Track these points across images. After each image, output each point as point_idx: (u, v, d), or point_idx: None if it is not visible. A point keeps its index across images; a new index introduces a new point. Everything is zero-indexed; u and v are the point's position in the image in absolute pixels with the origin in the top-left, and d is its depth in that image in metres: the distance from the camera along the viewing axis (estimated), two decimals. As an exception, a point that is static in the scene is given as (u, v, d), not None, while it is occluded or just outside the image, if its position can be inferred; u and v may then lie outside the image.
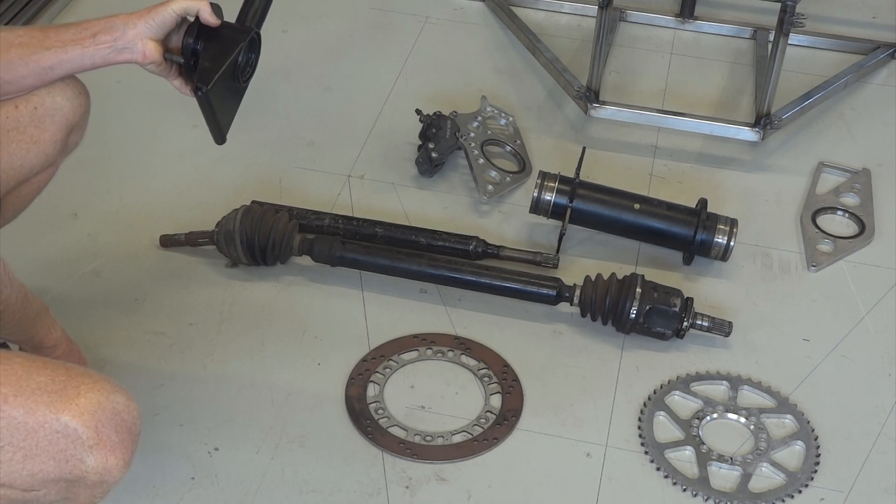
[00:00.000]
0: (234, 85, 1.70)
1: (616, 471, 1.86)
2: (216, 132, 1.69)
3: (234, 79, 1.69)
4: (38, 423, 1.34)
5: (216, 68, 1.63)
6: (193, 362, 2.00)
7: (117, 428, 1.37)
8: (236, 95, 1.73)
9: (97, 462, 1.36)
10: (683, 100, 2.70)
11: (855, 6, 3.08)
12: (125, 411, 1.38)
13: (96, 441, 1.35)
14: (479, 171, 2.39)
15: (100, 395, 1.36)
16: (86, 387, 1.37)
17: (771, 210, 2.40)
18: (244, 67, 1.70)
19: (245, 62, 1.69)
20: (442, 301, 2.14)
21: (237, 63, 1.67)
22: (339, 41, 2.88)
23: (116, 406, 1.37)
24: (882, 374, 2.05)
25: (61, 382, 1.36)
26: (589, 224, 2.25)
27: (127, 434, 1.38)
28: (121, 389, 1.40)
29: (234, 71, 1.67)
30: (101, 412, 1.36)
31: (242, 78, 1.70)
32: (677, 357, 2.05)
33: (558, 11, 3.01)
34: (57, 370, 1.38)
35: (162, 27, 1.63)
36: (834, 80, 2.69)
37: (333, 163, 2.47)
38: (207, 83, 1.62)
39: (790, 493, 1.82)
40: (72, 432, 1.34)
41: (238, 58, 1.67)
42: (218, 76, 1.63)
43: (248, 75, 1.72)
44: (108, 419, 1.36)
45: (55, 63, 1.59)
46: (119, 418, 1.37)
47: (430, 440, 1.88)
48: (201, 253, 2.21)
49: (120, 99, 2.57)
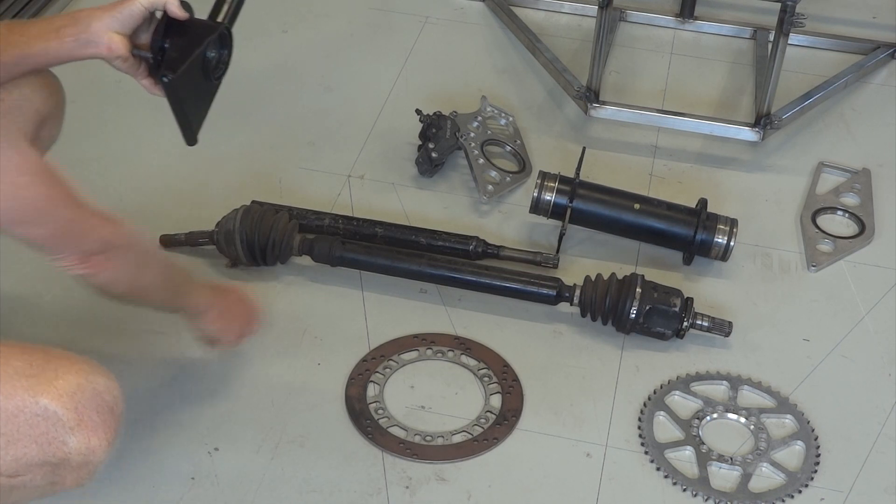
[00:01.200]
0: (205, 83, 1.66)
1: (616, 471, 1.86)
2: (186, 130, 1.65)
3: (205, 76, 1.65)
4: (17, 407, 1.34)
5: (183, 59, 1.59)
6: (193, 362, 2.00)
7: (98, 408, 1.37)
8: (208, 94, 1.68)
9: (79, 443, 1.36)
10: (683, 100, 2.70)
11: (855, 6, 3.08)
12: (105, 391, 1.39)
13: (77, 422, 1.35)
14: (479, 171, 2.39)
15: (78, 377, 1.37)
16: (64, 369, 1.37)
17: (771, 210, 2.40)
18: (216, 65, 1.66)
19: (217, 59, 1.66)
20: (442, 301, 2.14)
21: (206, 58, 1.63)
22: (339, 41, 2.88)
23: (96, 387, 1.38)
24: (882, 374, 2.05)
25: (39, 366, 1.37)
26: (589, 224, 2.25)
27: (109, 414, 1.39)
28: (101, 370, 1.41)
29: (203, 66, 1.63)
30: (80, 394, 1.36)
31: (214, 75, 1.67)
32: (677, 357, 2.05)
33: (558, 11, 3.01)
34: (34, 353, 1.39)
35: (129, 21, 1.59)
36: (834, 80, 2.70)
37: (333, 163, 2.47)
38: (173, 71, 1.58)
39: (790, 493, 1.82)
40: (52, 415, 1.34)
41: (207, 52, 1.63)
42: (185, 67, 1.59)
43: (219, 73, 1.68)
44: (89, 400, 1.37)
45: (18, 59, 1.56)
46: (100, 399, 1.38)
47: (430, 440, 1.88)
48: (201, 253, 2.21)
49: (120, 99, 2.57)
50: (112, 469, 1.78)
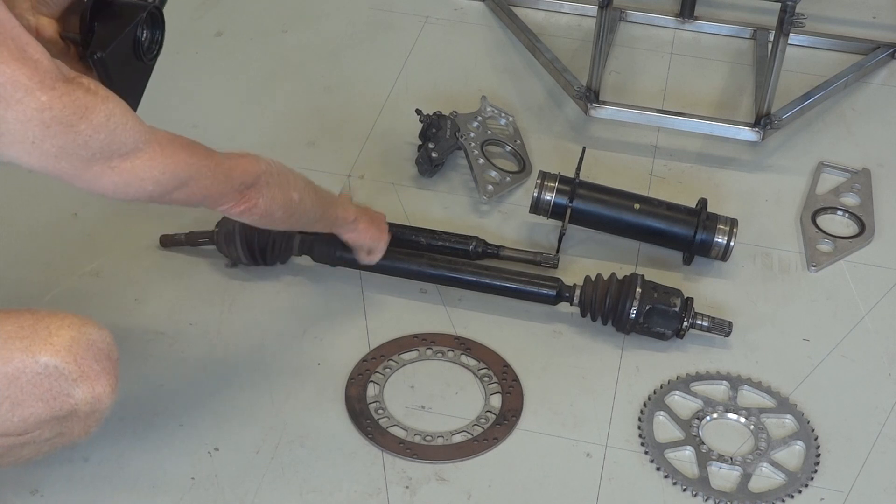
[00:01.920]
0: (137, 63, 1.64)
1: (616, 471, 1.86)
2: None
3: (137, 56, 1.63)
4: (17, 369, 1.35)
5: (113, 37, 1.57)
6: (193, 362, 2.00)
7: (96, 356, 1.40)
8: (141, 74, 1.67)
9: (85, 393, 1.38)
10: (683, 100, 2.70)
11: (855, 6, 3.08)
12: (100, 340, 1.42)
13: (80, 373, 1.37)
14: (479, 171, 2.39)
15: (71, 330, 1.39)
16: (56, 325, 1.39)
17: (771, 210, 2.40)
18: (149, 45, 1.64)
19: (149, 39, 1.64)
20: (442, 301, 2.14)
21: (138, 38, 1.61)
22: (339, 41, 2.88)
23: (90, 337, 1.41)
24: (882, 374, 2.05)
25: (30, 327, 1.38)
26: (589, 224, 2.25)
27: (107, 361, 1.42)
28: (90, 321, 1.43)
29: (135, 46, 1.61)
30: (76, 346, 1.38)
31: (147, 56, 1.65)
32: (677, 357, 2.05)
33: (558, 11, 3.01)
34: (21, 316, 1.40)
35: (55, 3, 1.55)
36: (834, 80, 2.69)
37: (333, 163, 2.47)
38: (103, 49, 1.55)
39: (790, 493, 1.82)
40: (53, 370, 1.36)
41: (137, 31, 1.61)
42: (115, 44, 1.56)
43: (153, 53, 1.66)
44: (86, 350, 1.39)
45: None
46: (95, 348, 1.40)
47: (430, 440, 1.88)
48: (201, 253, 2.21)
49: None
50: (112, 469, 1.80)
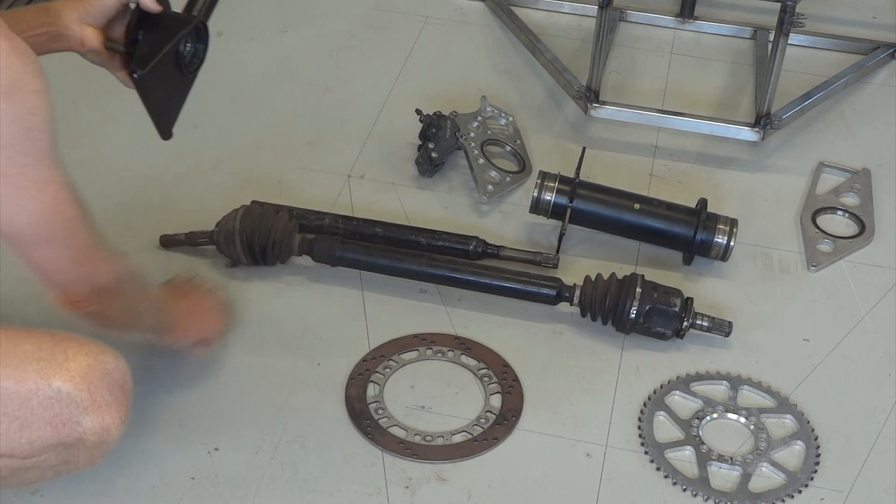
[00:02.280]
0: (179, 76, 1.65)
1: (616, 471, 1.86)
2: (159, 124, 1.63)
3: (179, 69, 1.64)
4: (30, 391, 1.34)
5: (154, 53, 1.58)
6: (193, 362, 1.99)
7: (110, 387, 1.38)
8: (182, 87, 1.67)
9: (94, 423, 1.37)
10: (683, 100, 2.70)
11: (855, 6, 3.08)
12: (115, 370, 1.40)
13: (91, 402, 1.36)
14: (479, 171, 2.39)
15: (88, 357, 1.38)
16: (73, 350, 1.38)
17: (771, 210, 2.40)
18: (190, 58, 1.65)
19: (191, 53, 1.65)
20: (442, 301, 2.14)
21: (180, 52, 1.62)
22: (339, 41, 2.88)
23: (106, 366, 1.39)
24: (882, 374, 2.05)
25: (48, 349, 1.37)
26: (589, 224, 2.25)
27: (120, 392, 1.40)
28: (108, 349, 1.41)
29: (176, 60, 1.62)
30: (91, 374, 1.37)
31: (188, 69, 1.66)
32: (677, 357, 2.05)
33: (558, 11, 3.01)
34: (42, 337, 1.39)
35: (101, 13, 1.57)
36: (834, 80, 2.69)
37: (333, 163, 2.47)
38: (143, 66, 1.56)
39: (790, 493, 1.82)
40: (65, 396, 1.35)
41: (180, 47, 1.62)
42: (155, 61, 1.57)
43: (194, 67, 1.67)
44: (100, 379, 1.37)
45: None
46: (110, 378, 1.39)
47: (430, 440, 1.88)
48: (201, 253, 2.20)
49: (120, 98, 2.56)
50: (112, 469, 1.79)
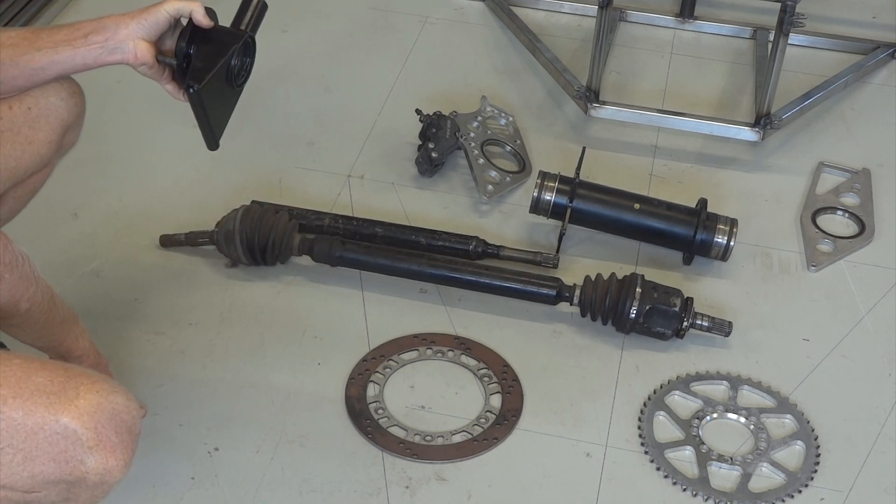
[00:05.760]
0: (228, 89, 1.69)
1: (616, 471, 1.86)
2: (209, 136, 1.67)
3: (228, 82, 1.67)
4: (37, 424, 1.34)
5: (208, 68, 1.62)
6: (193, 362, 2.00)
7: (117, 428, 1.37)
8: (230, 100, 1.71)
9: (97, 463, 1.36)
10: (683, 100, 2.70)
11: (855, 6, 3.08)
12: (125, 411, 1.39)
13: (96, 442, 1.35)
14: (479, 171, 2.39)
15: (99, 396, 1.36)
16: (85, 388, 1.36)
17: (771, 210, 2.40)
18: (238, 71, 1.68)
19: (239, 66, 1.68)
20: (442, 301, 2.14)
21: (230, 66, 1.66)
22: (339, 41, 2.88)
23: (116, 406, 1.37)
24: (882, 374, 2.05)
25: (60, 384, 1.36)
26: (589, 224, 2.25)
27: (127, 434, 1.38)
28: (120, 389, 1.40)
29: (227, 74, 1.66)
30: (100, 413, 1.36)
31: (237, 82, 1.69)
32: (677, 357, 2.05)
33: (558, 11, 3.01)
34: (56, 371, 1.38)
35: (154, 28, 1.61)
36: (834, 80, 2.70)
37: (333, 163, 2.47)
38: (199, 82, 1.60)
39: (790, 493, 1.82)
40: (71, 434, 1.34)
41: (231, 61, 1.65)
42: (210, 76, 1.61)
43: (242, 79, 1.70)
44: (108, 420, 1.36)
45: (46, 64, 1.58)
46: (119, 419, 1.37)
47: (430, 440, 1.88)
48: (201, 253, 2.21)
49: (120, 98, 2.57)
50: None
